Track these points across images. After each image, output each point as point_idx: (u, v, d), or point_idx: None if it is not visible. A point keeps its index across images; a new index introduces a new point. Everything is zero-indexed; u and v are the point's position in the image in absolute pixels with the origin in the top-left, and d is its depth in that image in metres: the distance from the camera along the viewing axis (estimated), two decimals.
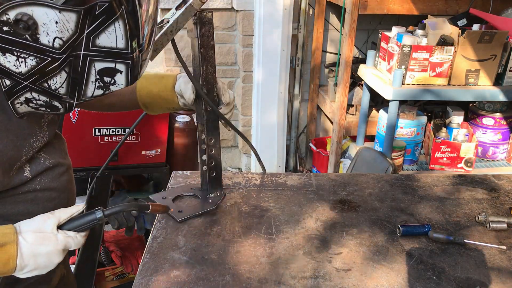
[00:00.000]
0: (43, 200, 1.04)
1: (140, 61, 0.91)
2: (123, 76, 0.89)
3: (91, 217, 0.98)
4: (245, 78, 3.26)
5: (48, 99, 0.88)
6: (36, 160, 1.03)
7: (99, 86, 0.89)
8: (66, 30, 0.79)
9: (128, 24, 0.84)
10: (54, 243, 0.93)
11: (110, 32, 0.83)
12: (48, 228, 0.93)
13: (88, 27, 0.81)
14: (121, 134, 2.15)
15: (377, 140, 2.64)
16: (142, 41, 0.89)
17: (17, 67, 0.82)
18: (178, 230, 1.19)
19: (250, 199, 1.35)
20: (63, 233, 0.95)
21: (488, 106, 2.63)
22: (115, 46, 0.85)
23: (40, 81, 0.85)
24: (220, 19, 3.17)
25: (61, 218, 0.96)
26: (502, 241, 1.19)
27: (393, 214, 1.29)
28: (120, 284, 2.31)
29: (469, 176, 1.55)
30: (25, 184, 1.00)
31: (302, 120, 3.52)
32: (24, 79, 0.84)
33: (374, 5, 2.54)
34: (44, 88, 0.86)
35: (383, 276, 1.05)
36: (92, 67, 0.86)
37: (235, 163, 3.65)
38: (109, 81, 0.89)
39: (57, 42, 0.80)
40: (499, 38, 2.27)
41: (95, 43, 0.83)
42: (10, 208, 0.98)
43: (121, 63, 0.87)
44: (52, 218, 0.95)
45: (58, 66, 0.83)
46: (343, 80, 2.70)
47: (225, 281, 1.01)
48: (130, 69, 0.89)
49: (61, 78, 0.85)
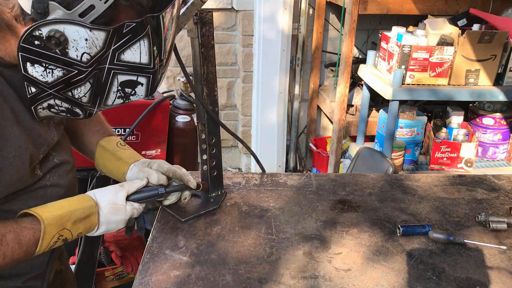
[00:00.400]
0: (52, 197, 1.07)
1: (160, 74, 0.97)
2: (144, 88, 0.96)
3: (154, 192, 1.13)
4: (245, 78, 3.26)
5: (70, 106, 0.94)
6: (45, 158, 1.07)
7: (120, 96, 0.95)
8: (95, 46, 0.85)
9: (152, 42, 0.90)
10: (124, 213, 1.07)
11: (135, 49, 0.89)
12: (119, 200, 1.07)
13: (115, 44, 0.87)
14: (121, 134, 2.15)
15: (377, 140, 2.64)
16: (164, 56, 0.95)
17: (44, 77, 0.87)
18: (178, 230, 1.19)
19: (250, 199, 1.35)
20: (131, 205, 1.09)
21: (488, 106, 2.63)
22: (138, 62, 0.91)
23: (64, 90, 0.90)
24: (220, 19, 3.17)
25: (130, 191, 1.10)
26: (502, 241, 1.19)
27: (393, 214, 1.29)
28: (120, 284, 2.31)
29: (469, 176, 1.55)
30: (37, 181, 1.04)
31: (302, 120, 3.52)
32: (49, 88, 0.89)
33: (374, 5, 2.54)
34: (68, 96, 0.92)
35: (383, 276, 1.05)
36: (115, 79, 0.92)
37: (235, 163, 3.65)
38: (129, 92, 0.95)
39: (85, 57, 0.86)
40: (499, 38, 2.27)
41: (120, 58, 0.89)
42: (21, 204, 1.01)
43: (143, 76, 0.94)
44: (123, 190, 1.09)
45: (84, 78, 0.89)
46: (343, 80, 2.70)
47: (225, 281, 1.01)
48: (151, 81, 0.95)
49: (85, 88, 0.91)
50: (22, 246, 0.93)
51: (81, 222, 1.01)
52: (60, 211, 0.98)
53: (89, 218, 1.02)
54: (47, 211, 0.97)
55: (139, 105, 2.14)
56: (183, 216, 1.23)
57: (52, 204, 1.00)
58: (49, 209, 0.98)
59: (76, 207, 1.01)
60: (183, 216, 1.23)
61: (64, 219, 0.98)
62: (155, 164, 1.20)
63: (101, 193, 1.07)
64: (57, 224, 0.97)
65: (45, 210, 0.97)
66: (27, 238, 0.94)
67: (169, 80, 3.34)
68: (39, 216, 0.95)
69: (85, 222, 1.02)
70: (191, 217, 1.23)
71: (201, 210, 1.26)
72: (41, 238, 0.94)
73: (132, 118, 2.12)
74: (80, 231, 1.02)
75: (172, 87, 3.26)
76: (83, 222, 1.01)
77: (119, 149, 1.25)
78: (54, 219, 0.96)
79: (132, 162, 1.21)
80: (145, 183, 1.13)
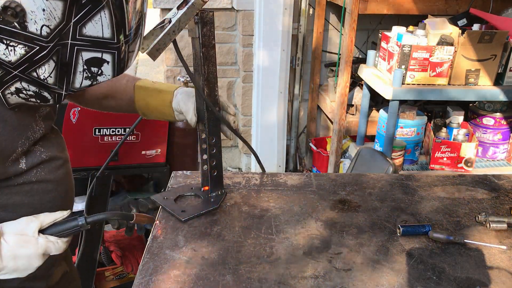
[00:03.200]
0: (39, 192, 1.05)
1: (127, 53, 0.93)
2: (110, 66, 0.91)
3: (73, 224, 1.00)
4: (245, 78, 3.26)
5: (37, 89, 0.90)
6: (32, 152, 1.04)
7: (86, 76, 0.91)
8: (53, 18, 0.81)
9: (114, 14, 0.86)
10: (35, 247, 0.95)
11: (96, 21, 0.85)
12: (30, 231, 0.95)
13: (75, 16, 0.83)
14: (121, 134, 2.15)
15: (377, 140, 2.64)
16: (129, 32, 0.91)
17: (6, 55, 0.84)
18: (178, 230, 1.19)
19: (250, 199, 1.34)
20: (44, 238, 0.97)
21: (488, 106, 2.63)
22: (101, 36, 0.87)
23: (29, 70, 0.87)
24: (220, 19, 3.17)
25: (44, 222, 0.98)
26: (502, 241, 1.19)
27: (393, 214, 1.29)
28: (120, 284, 2.31)
29: (469, 176, 1.55)
30: (20, 175, 1.02)
31: (302, 120, 3.52)
32: (13, 68, 0.86)
33: (374, 5, 2.54)
34: (33, 77, 0.88)
35: (383, 276, 1.05)
36: (79, 57, 0.88)
37: (235, 163, 3.65)
38: (96, 72, 0.91)
39: (45, 30, 0.82)
40: (499, 38, 2.27)
41: (82, 32, 0.85)
42: (6, 199, 0.99)
43: (108, 53, 0.90)
44: (35, 221, 0.97)
45: (46, 54, 0.85)
46: (343, 80, 2.70)
47: (225, 281, 1.01)
48: (117, 59, 0.91)
49: (49, 67, 0.87)
50: None
51: None
52: None
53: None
54: None
55: None
56: (183, 216, 1.23)
57: None
58: None
59: None
60: (183, 216, 1.23)
61: None
62: None
63: (9, 224, 0.96)
64: None
65: None
66: None
67: (169, 80, 3.34)
68: None
69: None
70: (191, 217, 1.23)
71: (201, 210, 1.26)
72: None
73: (132, 118, 2.12)
74: None
75: None
76: None
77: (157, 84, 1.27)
78: None
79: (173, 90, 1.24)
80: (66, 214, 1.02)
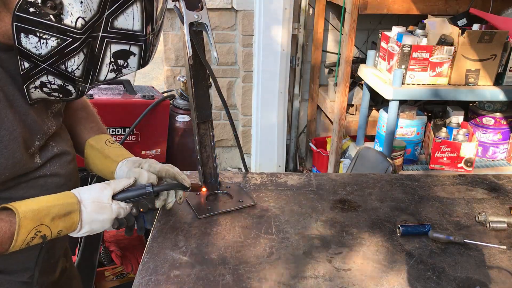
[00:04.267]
0: (52, 186, 1.07)
1: (151, 46, 0.97)
2: (136, 59, 0.95)
3: (142, 191, 1.08)
4: (245, 78, 3.26)
5: (62, 83, 0.94)
6: (45, 147, 1.07)
7: (112, 69, 0.95)
8: (89, 10, 0.85)
9: (145, 7, 0.90)
10: (109, 212, 1.03)
11: (128, 14, 0.89)
12: (104, 198, 1.03)
13: (109, 9, 0.87)
14: (121, 134, 2.15)
15: (377, 140, 2.64)
16: (155, 25, 0.95)
17: (37, 48, 0.87)
18: (178, 230, 1.19)
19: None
20: (117, 204, 1.05)
21: (488, 106, 2.63)
22: (131, 28, 0.91)
23: (58, 63, 0.90)
24: (220, 18, 3.17)
25: (115, 190, 1.06)
26: (502, 241, 1.19)
27: (393, 214, 1.29)
28: (120, 284, 2.31)
29: (469, 176, 1.55)
30: (36, 170, 1.04)
31: (302, 120, 3.52)
32: (42, 61, 0.89)
33: (374, 5, 2.54)
34: (61, 70, 0.91)
35: (383, 276, 1.05)
36: (108, 49, 0.92)
37: (235, 163, 3.65)
38: (122, 64, 0.95)
39: (80, 22, 0.85)
40: (499, 38, 2.27)
41: (113, 25, 0.89)
42: (23, 193, 1.01)
43: (136, 45, 0.93)
44: (109, 188, 1.05)
45: (78, 47, 0.88)
46: (343, 80, 2.70)
47: (225, 281, 1.01)
48: (143, 52, 0.95)
49: (79, 59, 0.90)
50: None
51: (60, 219, 0.98)
52: (37, 206, 0.96)
53: (70, 215, 0.99)
54: (23, 205, 0.95)
55: (139, 105, 2.15)
56: (201, 213, 1.24)
57: (31, 199, 0.98)
58: (26, 203, 0.96)
59: (55, 203, 0.98)
60: (200, 213, 1.24)
61: (41, 214, 0.95)
62: (146, 164, 1.17)
63: (85, 191, 1.04)
64: (34, 219, 0.94)
65: (21, 203, 0.95)
66: (2, 230, 0.91)
67: (169, 80, 3.34)
68: (14, 209, 0.93)
69: (66, 219, 0.99)
70: (207, 215, 1.25)
71: (222, 209, 1.27)
72: (16, 232, 0.92)
73: (132, 118, 2.12)
74: (60, 229, 0.99)
75: (172, 87, 3.26)
76: (63, 219, 0.98)
77: (107, 147, 1.21)
78: (30, 212, 0.94)
79: (120, 160, 1.18)
80: (133, 182, 1.10)
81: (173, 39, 3.20)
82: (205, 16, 1.14)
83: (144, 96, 2.19)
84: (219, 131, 3.46)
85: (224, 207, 1.28)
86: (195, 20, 1.13)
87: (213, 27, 3.10)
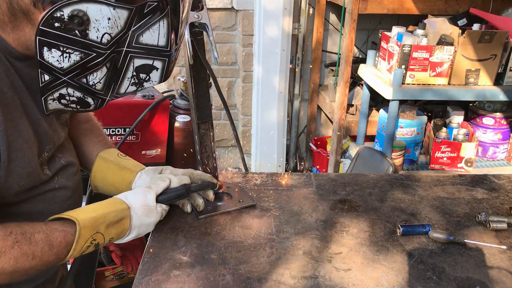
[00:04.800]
0: (60, 199, 1.05)
1: (174, 59, 0.97)
2: (158, 73, 0.95)
3: (181, 191, 1.13)
4: (245, 78, 3.26)
5: (82, 95, 0.92)
6: (52, 159, 1.05)
7: (133, 82, 0.94)
8: (116, 26, 0.83)
9: (171, 23, 0.89)
10: (156, 215, 1.08)
11: (154, 30, 0.88)
12: (150, 202, 1.06)
13: (135, 25, 0.86)
14: (121, 134, 2.15)
15: (377, 140, 2.64)
16: (179, 40, 0.95)
17: (60, 62, 0.85)
18: (178, 230, 1.19)
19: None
20: (160, 206, 1.09)
21: (488, 106, 2.63)
22: (156, 44, 0.90)
23: (79, 76, 0.88)
24: (220, 18, 3.17)
25: (157, 192, 1.09)
26: (502, 241, 1.19)
27: (393, 214, 1.29)
28: (120, 283, 2.31)
29: (469, 176, 1.55)
30: (46, 183, 1.02)
31: (302, 119, 3.52)
32: (63, 75, 0.87)
33: (374, 5, 2.54)
34: (82, 83, 0.90)
35: (383, 276, 1.05)
36: (131, 64, 0.91)
37: (235, 163, 3.65)
38: (144, 78, 0.94)
39: (106, 37, 0.84)
40: (499, 38, 2.27)
41: (139, 40, 0.88)
42: (32, 207, 1.00)
43: (159, 60, 0.93)
44: (152, 192, 1.08)
45: (101, 61, 0.87)
46: (343, 79, 2.70)
47: (225, 281, 1.01)
48: (166, 66, 0.95)
49: (101, 73, 0.89)
50: (52, 248, 0.91)
51: (113, 226, 0.99)
52: (95, 213, 0.96)
53: (122, 221, 1.01)
54: (81, 214, 0.95)
55: (139, 105, 2.14)
56: (201, 214, 1.24)
57: (84, 207, 0.99)
58: (83, 211, 0.96)
59: (109, 210, 0.99)
60: (200, 213, 1.24)
61: (98, 222, 0.96)
62: (168, 170, 1.19)
63: (132, 196, 1.06)
64: (92, 227, 0.95)
65: (79, 212, 0.95)
66: (58, 240, 0.91)
67: (169, 79, 3.34)
68: (75, 218, 0.93)
69: (118, 226, 1.00)
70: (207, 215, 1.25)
71: (222, 209, 1.27)
72: (75, 241, 0.92)
73: (132, 118, 2.12)
74: (112, 236, 1.00)
75: (172, 87, 3.26)
76: (116, 226, 0.99)
77: (121, 159, 1.21)
78: (89, 221, 0.94)
79: (139, 170, 1.18)
80: (168, 183, 1.12)
81: None
82: (205, 16, 1.14)
83: (144, 96, 2.19)
84: (219, 131, 3.46)
85: (224, 207, 1.28)
86: (195, 20, 1.13)
87: (213, 27, 3.09)
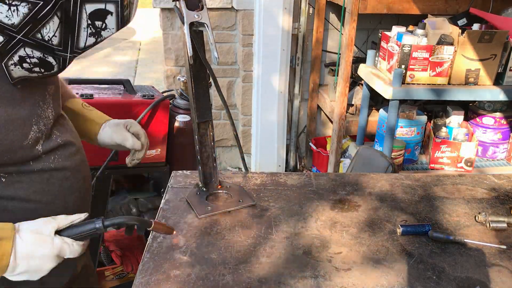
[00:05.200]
0: (58, 179, 1.04)
1: (129, 3, 0.93)
2: (113, 18, 0.91)
3: (90, 227, 0.97)
4: (245, 78, 3.26)
5: (42, 55, 0.90)
6: (48, 136, 1.04)
7: (91, 33, 0.91)
8: None
9: None
10: (50, 247, 0.91)
11: None
12: (46, 231, 0.92)
13: None
14: None
15: (377, 140, 2.64)
16: None
17: (9, 18, 0.83)
18: (178, 230, 1.19)
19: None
20: (61, 239, 0.93)
21: (488, 106, 2.63)
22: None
23: (33, 31, 0.86)
24: (220, 18, 3.17)
25: (61, 224, 0.95)
26: (502, 241, 1.19)
27: (393, 214, 1.29)
28: (120, 283, 2.32)
29: (469, 176, 1.55)
30: (38, 160, 1.01)
31: (302, 119, 3.52)
32: (17, 32, 0.85)
33: (374, 4, 2.54)
34: (38, 40, 0.87)
35: (383, 276, 1.05)
36: (83, 11, 0.87)
37: (235, 163, 3.65)
38: (100, 26, 0.91)
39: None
40: (499, 38, 2.26)
41: None
42: (28, 188, 0.99)
43: (111, 2, 0.89)
44: (53, 222, 0.94)
45: (50, 10, 0.84)
46: (343, 79, 2.70)
47: (225, 281, 1.01)
48: (120, 9, 0.90)
49: (54, 24, 0.86)
50: None
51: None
52: None
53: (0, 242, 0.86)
54: None
55: (139, 105, 2.15)
56: (200, 213, 1.24)
57: None
58: None
59: None
60: (200, 213, 1.24)
61: None
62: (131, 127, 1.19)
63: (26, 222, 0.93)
64: None
65: None
66: None
67: (169, 79, 3.34)
68: None
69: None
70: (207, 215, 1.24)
71: (222, 208, 1.27)
72: None
73: (132, 118, 2.12)
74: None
75: (172, 87, 3.26)
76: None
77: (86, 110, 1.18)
78: None
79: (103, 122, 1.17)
80: (84, 217, 0.99)
81: (173, 39, 3.20)
82: (205, 16, 1.14)
83: (144, 96, 2.19)
84: (219, 131, 3.46)
85: (224, 207, 1.28)
86: (195, 20, 1.13)
87: (213, 27, 3.09)
